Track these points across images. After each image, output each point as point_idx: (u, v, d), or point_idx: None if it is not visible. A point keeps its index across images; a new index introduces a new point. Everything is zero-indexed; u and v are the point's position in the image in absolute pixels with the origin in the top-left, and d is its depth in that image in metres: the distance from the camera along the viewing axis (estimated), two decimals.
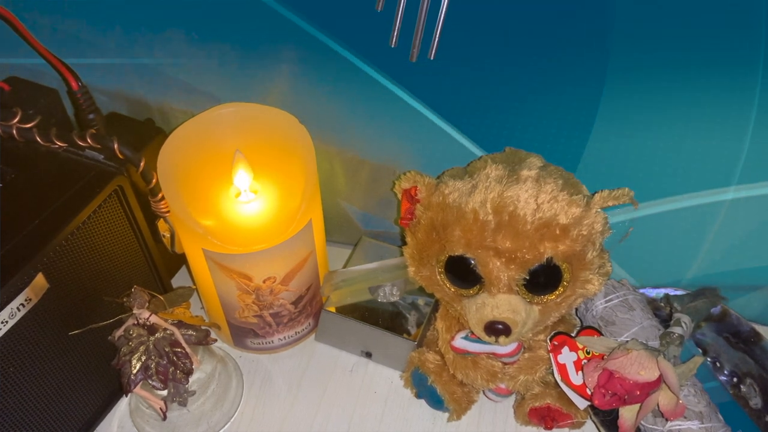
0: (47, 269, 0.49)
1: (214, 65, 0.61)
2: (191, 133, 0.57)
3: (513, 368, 0.56)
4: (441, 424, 0.61)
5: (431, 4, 0.52)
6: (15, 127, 0.53)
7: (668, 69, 0.51)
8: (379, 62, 0.57)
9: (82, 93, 0.58)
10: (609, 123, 0.55)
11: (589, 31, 0.51)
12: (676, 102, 0.53)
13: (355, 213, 0.71)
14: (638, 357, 0.49)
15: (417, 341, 0.62)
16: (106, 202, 0.54)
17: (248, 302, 0.59)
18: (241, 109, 0.58)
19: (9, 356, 0.48)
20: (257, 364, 0.66)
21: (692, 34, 0.49)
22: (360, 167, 0.66)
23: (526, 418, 0.59)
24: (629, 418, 0.51)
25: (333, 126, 0.63)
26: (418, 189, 0.53)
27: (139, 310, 0.53)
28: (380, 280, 0.64)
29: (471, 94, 0.57)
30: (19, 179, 0.52)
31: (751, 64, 0.49)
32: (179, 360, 0.54)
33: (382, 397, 0.63)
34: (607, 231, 0.50)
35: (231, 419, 0.61)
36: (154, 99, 0.66)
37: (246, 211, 0.56)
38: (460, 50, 0.54)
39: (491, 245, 0.49)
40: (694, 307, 0.58)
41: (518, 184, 0.49)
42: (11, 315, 0.46)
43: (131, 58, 0.63)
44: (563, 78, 0.54)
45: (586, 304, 0.59)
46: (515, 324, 0.50)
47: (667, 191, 0.58)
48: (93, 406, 0.59)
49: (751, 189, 0.56)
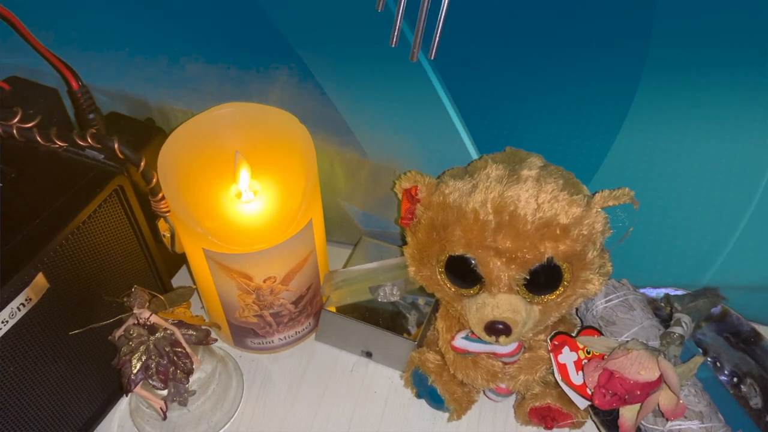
0: (47, 269, 0.49)
1: (214, 65, 0.61)
2: (191, 133, 0.57)
3: (513, 368, 0.56)
4: (441, 424, 0.61)
5: (431, 4, 0.52)
6: (15, 127, 0.53)
7: (669, 69, 0.51)
8: (380, 62, 0.57)
9: (82, 93, 0.58)
10: (609, 123, 0.55)
11: (589, 31, 0.51)
12: (676, 102, 0.53)
13: (355, 213, 0.71)
14: (639, 357, 0.49)
15: (417, 341, 0.62)
16: (107, 202, 0.54)
17: (248, 302, 0.59)
18: (241, 109, 0.58)
19: (9, 356, 0.48)
20: (257, 364, 0.66)
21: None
22: (360, 167, 0.66)
23: (526, 417, 0.59)
24: (629, 418, 0.51)
25: (333, 126, 0.63)
26: (418, 189, 0.53)
27: (140, 310, 0.53)
28: (380, 280, 0.64)
29: (471, 94, 0.57)
30: (19, 179, 0.52)
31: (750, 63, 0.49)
32: (179, 360, 0.54)
33: (382, 397, 0.63)
34: (608, 231, 0.50)
35: (231, 419, 0.61)
36: (154, 99, 0.66)
37: (246, 210, 0.56)
38: (461, 50, 0.54)
39: (492, 245, 0.49)
40: (695, 307, 0.58)
41: (519, 183, 0.49)
42: (11, 315, 0.46)
43: (131, 57, 0.63)
44: (563, 78, 0.54)
45: (586, 304, 0.59)
46: (515, 324, 0.50)
47: (667, 191, 0.58)
48: (93, 406, 0.59)
49: (752, 189, 0.56)
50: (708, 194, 0.57)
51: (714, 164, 0.56)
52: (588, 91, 0.54)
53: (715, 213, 0.58)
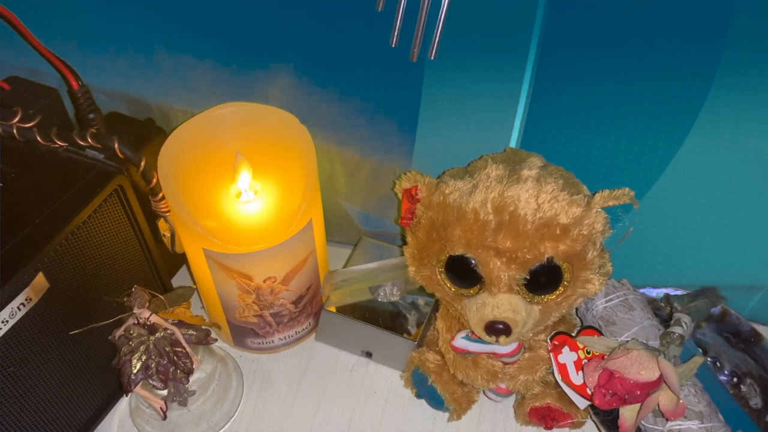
0: (47, 269, 0.49)
1: (214, 65, 0.61)
2: (191, 133, 0.57)
3: (513, 368, 0.56)
4: (441, 424, 0.61)
5: (431, 4, 0.52)
6: (15, 127, 0.53)
7: (669, 69, 0.51)
8: (380, 62, 0.57)
9: (82, 92, 0.58)
10: (609, 123, 0.55)
11: (589, 31, 0.51)
12: (677, 102, 0.53)
13: (355, 213, 0.71)
14: (638, 357, 0.49)
15: (417, 341, 0.62)
16: (107, 202, 0.54)
17: (248, 302, 0.59)
18: (241, 109, 0.58)
19: (9, 356, 0.48)
20: (257, 364, 0.66)
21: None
22: (360, 167, 0.66)
23: (526, 417, 0.59)
24: (629, 418, 0.51)
25: (333, 126, 0.63)
26: (418, 189, 0.53)
27: (140, 310, 0.53)
28: (380, 280, 0.64)
29: (471, 94, 0.57)
30: (19, 179, 0.52)
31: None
32: (179, 360, 0.54)
33: (382, 397, 0.63)
34: (608, 231, 0.50)
35: (231, 419, 0.61)
36: (154, 99, 0.66)
37: (246, 210, 0.56)
38: (461, 50, 0.54)
39: (492, 245, 0.49)
40: (694, 307, 0.58)
41: (519, 183, 0.49)
42: (11, 315, 0.46)
43: (131, 57, 0.63)
44: (564, 78, 0.54)
45: (586, 304, 0.59)
46: (516, 324, 0.50)
47: (668, 191, 0.58)
48: (93, 406, 0.59)
49: (752, 188, 0.56)
50: (708, 194, 0.57)
51: (714, 164, 0.56)
52: (588, 91, 0.54)
53: (715, 213, 0.58)
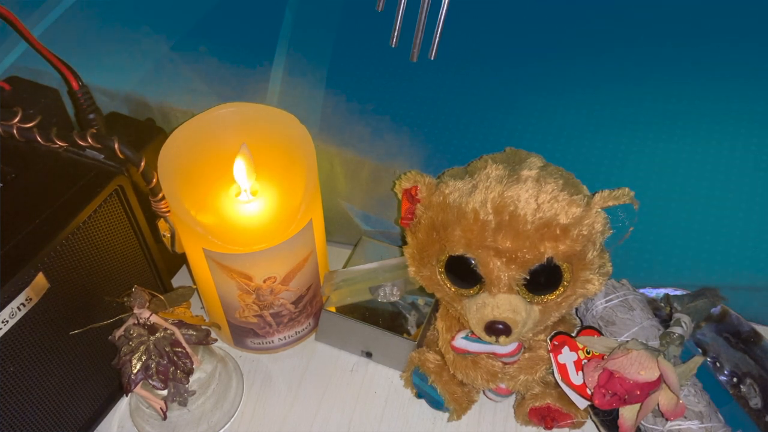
0: (47, 269, 0.49)
1: (214, 65, 0.61)
2: (191, 133, 0.57)
3: (513, 368, 0.56)
4: (441, 424, 0.61)
5: (431, 4, 0.52)
6: (15, 127, 0.53)
7: (671, 70, 0.51)
8: (380, 62, 0.57)
9: (82, 93, 0.58)
10: (609, 123, 0.55)
11: (589, 31, 0.51)
12: (677, 103, 0.53)
13: (355, 213, 0.71)
14: (638, 357, 0.49)
15: (417, 341, 0.62)
16: (107, 202, 0.54)
17: (248, 302, 0.59)
18: (241, 109, 0.58)
19: (9, 356, 0.48)
20: (257, 364, 0.66)
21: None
22: (360, 167, 0.66)
23: (526, 418, 0.59)
24: (629, 418, 0.51)
25: (333, 126, 0.63)
26: (418, 189, 0.53)
27: (140, 310, 0.53)
28: (380, 280, 0.64)
29: (471, 94, 0.57)
30: (19, 179, 0.52)
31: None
32: (179, 360, 0.54)
33: (382, 397, 0.63)
34: (608, 231, 0.50)
35: (231, 419, 0.61)
36: (154, 99, 0.66)
37: (246, 211, 0.56)
38: (461, 50, 0.54)
39: (492, 245, 0.49)
40: (694, 307, 0.58)
41: (519, 183, 0.49)
42: (11, 315, 0.46)
43: (132, 57, 0.63)
44: (563, 78, 0.54)
45: (586, 304, 0.59)
46: (515, 324, 0.50)
47: (668, 191, 0.58)
48: (93, 406, 0.59)
49: (752, 188, 0.56)
50: (708, 194, 0.57)
51: (714, 164, 0.56)
52: (589, 92, 0.54)
53: (715, 213, 0.58)
